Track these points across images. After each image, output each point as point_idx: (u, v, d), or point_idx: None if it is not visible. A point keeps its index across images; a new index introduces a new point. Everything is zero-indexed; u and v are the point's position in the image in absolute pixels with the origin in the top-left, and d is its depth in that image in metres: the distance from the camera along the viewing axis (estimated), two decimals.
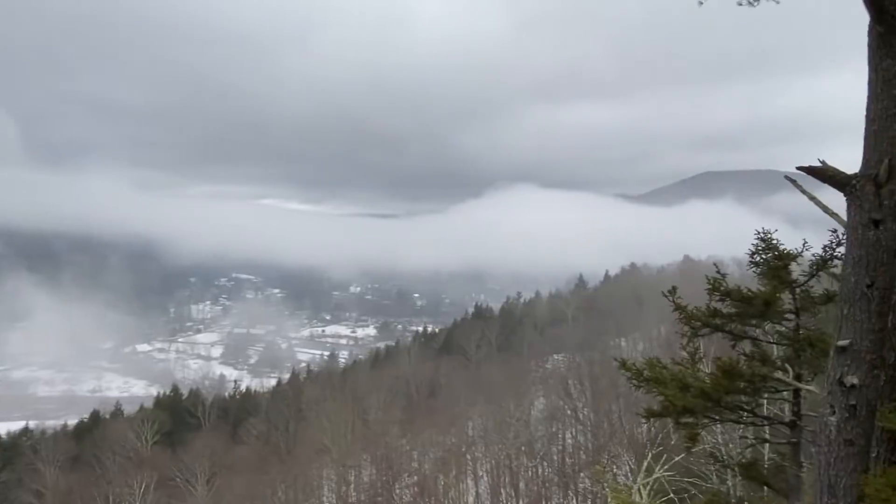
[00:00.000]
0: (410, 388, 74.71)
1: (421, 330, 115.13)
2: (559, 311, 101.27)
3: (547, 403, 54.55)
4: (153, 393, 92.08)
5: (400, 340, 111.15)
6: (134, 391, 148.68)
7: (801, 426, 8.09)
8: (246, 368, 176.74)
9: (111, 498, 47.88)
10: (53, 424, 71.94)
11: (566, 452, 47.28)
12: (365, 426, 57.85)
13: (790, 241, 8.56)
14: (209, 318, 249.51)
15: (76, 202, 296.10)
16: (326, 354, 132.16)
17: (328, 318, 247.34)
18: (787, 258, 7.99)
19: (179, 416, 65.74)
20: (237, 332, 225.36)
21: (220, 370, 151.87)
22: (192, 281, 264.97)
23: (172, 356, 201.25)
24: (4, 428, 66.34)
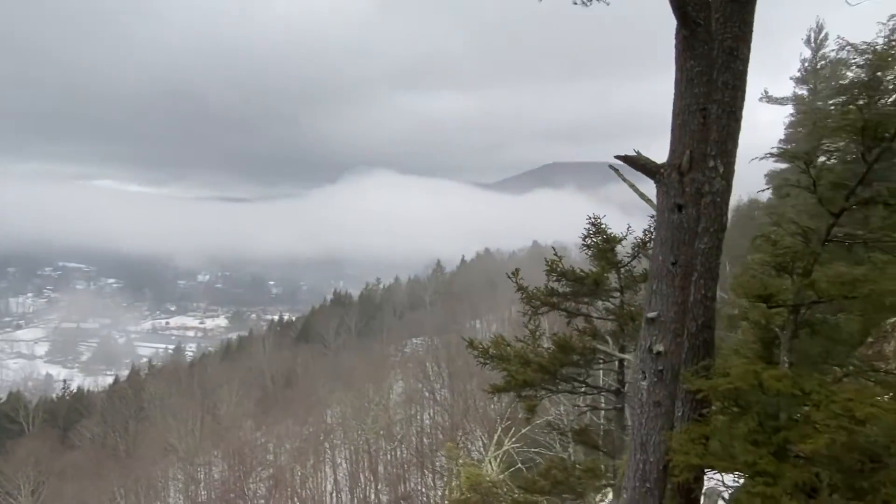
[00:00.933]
0: (265, 379, 72.26)
1: (277, 318, 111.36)
2: (418, 295, 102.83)
3: (405, 387, 55.30)
4: None
5: (254, 330, 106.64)
6: None
7: (624, 393, 8.93)
8: (77, 366, 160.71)
9: None
10: None
11: (424, 433, 48.35)
12: (215, 421, 55.14)
13: (620, 226, 9.35)
14: (31, 312, 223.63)
15: None
16: (171, 348, 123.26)
17: (173, 308, 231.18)
18: (613, 241, 8.73)
19: None
20: (65, 326, 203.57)
21: (45, 369, 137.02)
22: (10, 271, 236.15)
23: None
24: None
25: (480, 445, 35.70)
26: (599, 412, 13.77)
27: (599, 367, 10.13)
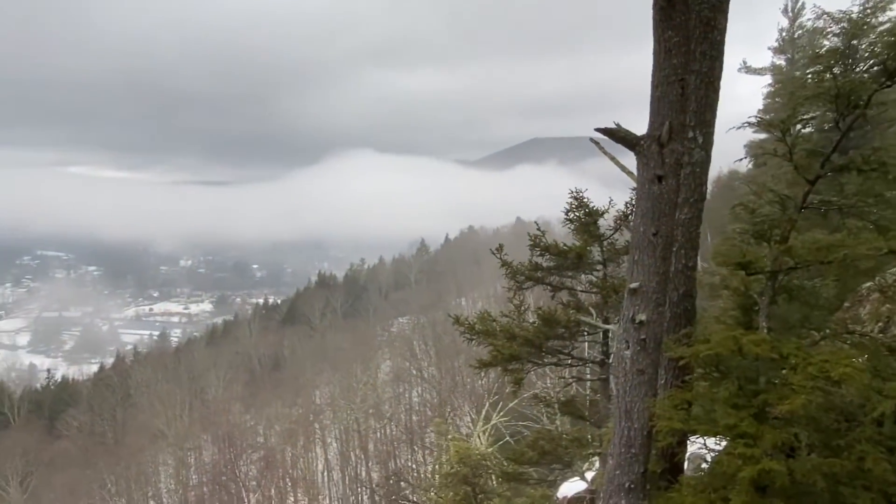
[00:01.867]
0: (253, 362, 72.26)
1: (262, 302, 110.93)
2: (403, 275, 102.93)
3: (393, 365, 55.62)
4: None
5: (239, 314, 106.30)
6: None
7: (608, 363, 9.08)
8: (60, 356, 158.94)
9: None
10: None
11: (413, 411, 48.81)
12: (203, 405, 55.16)
13: (602, 199, 9.41)
14: (11, 302, 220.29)
15: None
16: (156, 334, 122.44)
17: (156, 295, 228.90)
18: (595, 214, 8.80)
19: None
20: (46, 315, 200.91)
21: (28, 359, 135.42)
22: None
23: None
24: None
25: (469, 420, 36.13)
26: (585, 383, 14.00)
27: (584, 339, 10.27)
